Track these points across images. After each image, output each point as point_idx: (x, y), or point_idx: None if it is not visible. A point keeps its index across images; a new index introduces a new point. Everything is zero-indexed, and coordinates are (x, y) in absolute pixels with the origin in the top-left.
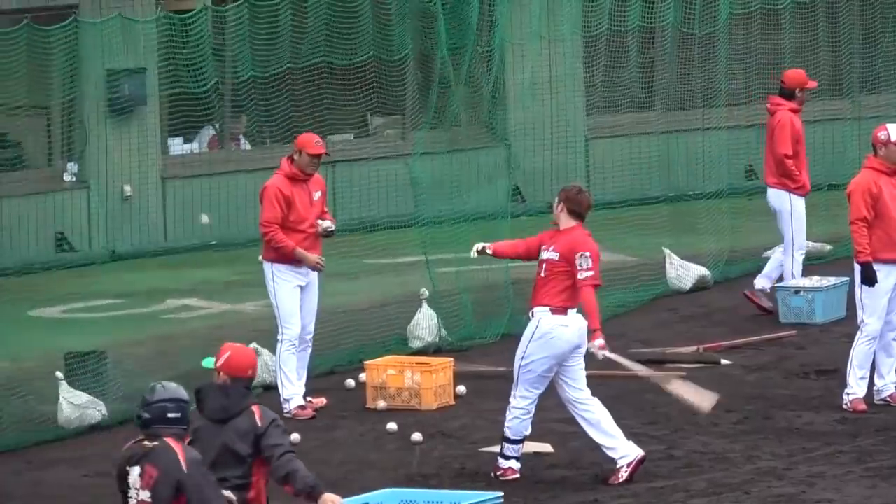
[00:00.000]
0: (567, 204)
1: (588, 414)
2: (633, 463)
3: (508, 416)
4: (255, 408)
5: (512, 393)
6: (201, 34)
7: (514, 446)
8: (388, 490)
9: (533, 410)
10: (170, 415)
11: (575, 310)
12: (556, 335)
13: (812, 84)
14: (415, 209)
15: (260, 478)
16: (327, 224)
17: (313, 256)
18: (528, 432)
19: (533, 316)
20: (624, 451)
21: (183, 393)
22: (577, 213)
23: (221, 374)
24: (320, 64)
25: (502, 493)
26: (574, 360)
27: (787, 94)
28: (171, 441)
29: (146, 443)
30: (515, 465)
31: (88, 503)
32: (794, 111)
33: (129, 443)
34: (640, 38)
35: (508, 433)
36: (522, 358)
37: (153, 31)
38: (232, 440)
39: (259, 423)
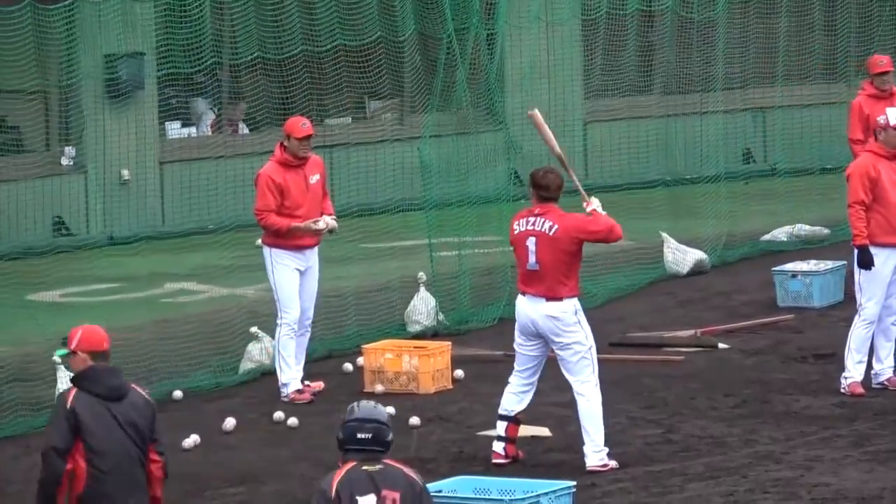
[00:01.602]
0: (534, 189)
1: (578, 402)
2: (610, 464)
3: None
4: (134, 384)
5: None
6: (201, 16)
7: (499, 422)
8: (461, 478)
9: (520, 387)
10: (388, 438)
11: (527, 296)
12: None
13: (875, 69)
14: (423, 192)
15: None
16: (333, 225)
17: (308, 221)
18: (515, 409)
19: None
20: (588, 459)
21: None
22: (548, 197)
23: (80, 354)
24: (318, 47)
25: (575, 483)
26: (557, 349)
27: (867, 78)
28: (393, 462)
29: (366, 467)
30: (498, 447)
31: None
32: (872, 97)
33: (340, 472)
34: (639, 21)
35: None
36: None
37: (151, 13)
38: (136, 416)
39: (150, 400)
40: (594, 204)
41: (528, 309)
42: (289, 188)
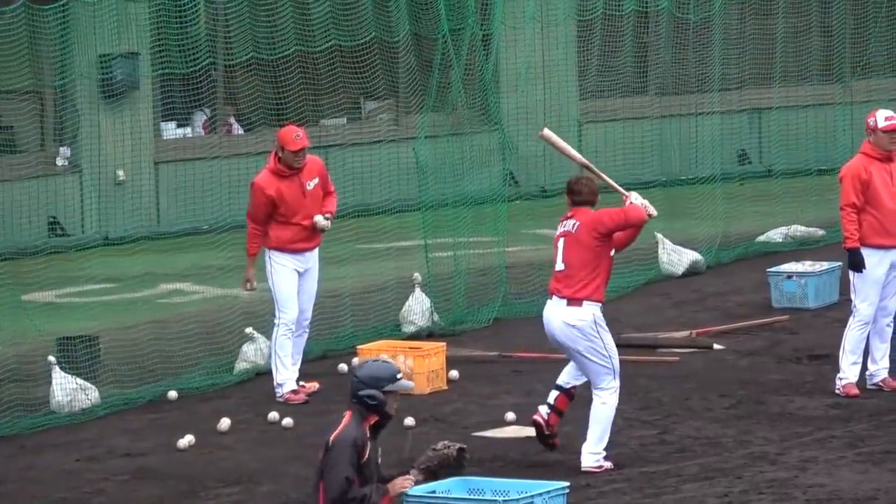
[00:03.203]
0: (567, 196)
1: (594, 402)
2: (605, 465)
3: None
4: None
5: None
6: (196, 16)
7: (553, 391)
8: (455, 478)
9: (576, 369)
10: (359, 392)
11: (564, 301)
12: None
13: None
14: (419, 193)
15: None
16: (322, 225)
17: (248, 276)
18: (571, 382)
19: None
20: (583, 459)
21: (384, 372)
22: (580, 202)
23: None
24: (314, 48)
25: (569, 483)
26: (576, 355)
27: None
28: (347, 413)
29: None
30: (543, 410)
31: (80, 487)
32: None
33: None
34: (635, 22)
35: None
36: None
37: (146, 13)
38: None
39: None
40: (632, 197)
41: (551, 314)
42: (283, 197)
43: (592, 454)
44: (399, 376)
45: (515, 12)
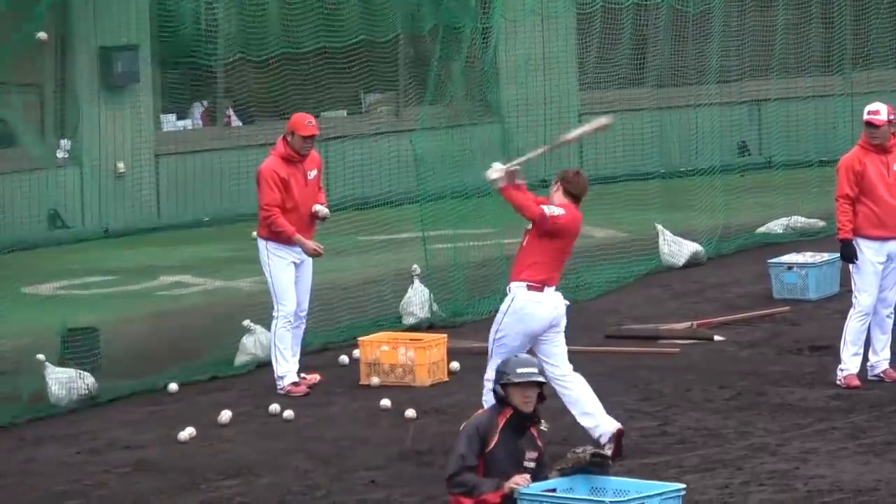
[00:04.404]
0: (564, 184)
1: (566, 390)
2: (612, 436)
3: (484, 389)
4: None
5: (487, 366)
6: (197, 8)
7: None
8: (577, 476)
9: None
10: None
11: (553, 288)
12: (529, 311)
13: None
14: (417, 185)
15: None
16: (325, 213)
17: (311, 244)
18: None
19: (510, 290)
20: (603, 427)
21: (508, 365)
22: (573, 195)
23: None
24: (314, 41)
25: (685, 486)
26: (550, 338)
27: None
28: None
29: None
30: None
31: (80, 480)
32: None
33: None
34: (635, 14)
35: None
36: (497, 332)
37: (147, 6)
38: None
39: None
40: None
41: (557, 301)
42: (289, 184)
43: (604, 417)
44: (520, 370)
45: (515, 4)
